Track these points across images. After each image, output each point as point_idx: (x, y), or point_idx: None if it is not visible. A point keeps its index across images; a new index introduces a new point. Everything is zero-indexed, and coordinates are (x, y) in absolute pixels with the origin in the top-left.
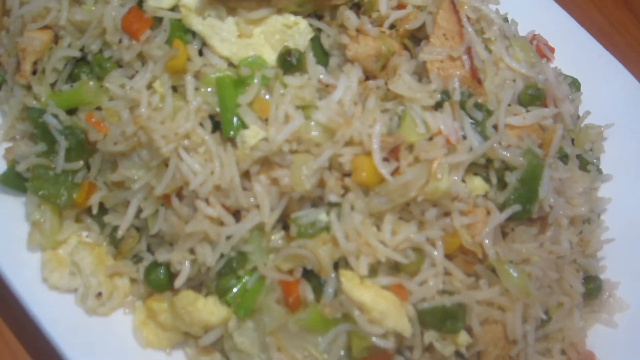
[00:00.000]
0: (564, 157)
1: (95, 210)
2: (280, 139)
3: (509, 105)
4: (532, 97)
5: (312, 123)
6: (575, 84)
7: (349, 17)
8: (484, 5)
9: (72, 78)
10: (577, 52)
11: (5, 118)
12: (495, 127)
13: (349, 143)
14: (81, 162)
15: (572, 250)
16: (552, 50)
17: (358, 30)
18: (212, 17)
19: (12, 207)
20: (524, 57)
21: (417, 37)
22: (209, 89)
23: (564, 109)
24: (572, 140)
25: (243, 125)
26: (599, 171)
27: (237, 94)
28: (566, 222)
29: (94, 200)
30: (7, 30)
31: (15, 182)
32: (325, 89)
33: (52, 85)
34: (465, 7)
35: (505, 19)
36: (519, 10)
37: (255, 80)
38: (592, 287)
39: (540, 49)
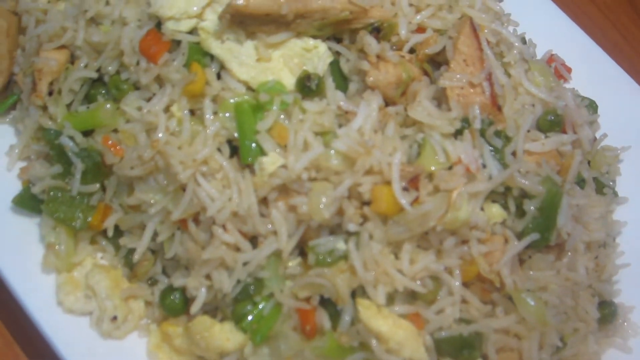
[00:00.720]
0: (581, 182)
1: (110, 233)
2: (299, 167)
3: (528, 131)
4: (551, 123)
5: (332, 151)
6: (592, 106)
7: (370, 43)
8: (504, 29)
9: (88, 99)
10: (593, 72)
11: (20, 137)
12: (513, 153)
13: (369, 172)
14: (97, 185)
15: (588, 275)
16: (569, 70)
17: (378, 57)
18: (231, 41)
19: (26, 228)
20: (543, 81)
21: (436, 61)
22: (227, 114)
23: (582, 135)
24: (588, 162)
25: (261, 152)
26: (615, 194)
27: (255, 119)
28: (583, 247)
29: (109, 223)
30: (22, 48)
31: (30, 203)
32: (344, 116)
33: (68, 105)
34: (486, 30)
35: (523, 40)
36: (535, 29)
37: (275, 107)
38: (607, 313)
39: (558, 70)
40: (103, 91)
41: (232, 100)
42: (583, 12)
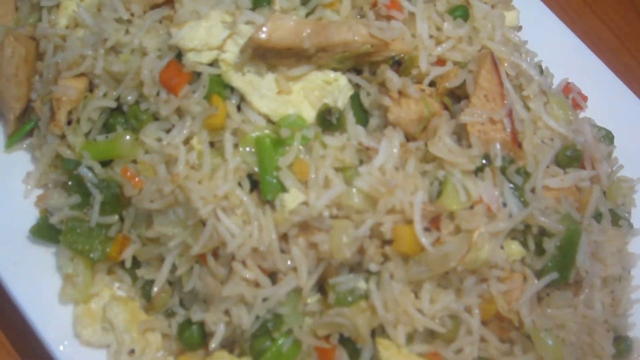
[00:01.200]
0: (597, 216)
1: (128, 265)
2: (320, 205)
3: (547, 166)
4: (570, 158)
5: (353, 190)
6: (608, 137)
7: (392, 78)
8: (523, 61)
9: (107, 128)
10: (610, 100)
11: (37, 165)
12: (532, 190)
13: (390, 211)
14: (116, 217)
15: (603, 310)
16: (585, 98)
17: (400, 92)
18: (252, 73)
19: (43, 257)
20: (561, 115)
21: (456, 94)
22: (248, 149)
23: (601, 171)
24: (604, 193)
25: (282, 188)
26: (630, 225)
27: (276, 154)
28: (599, 283)
29: (127, 255)
30: (40, 74)
31: (48, 233)
32: (365, 151)
33: (86, 134)
34: (506, 63)
35: (540, 68)
36: (549, 52)
37: (296, 142)
38: (622, 348)
39: (574, 99)
40: (122, 120)
41: (253, 135)
42: (596, 34)
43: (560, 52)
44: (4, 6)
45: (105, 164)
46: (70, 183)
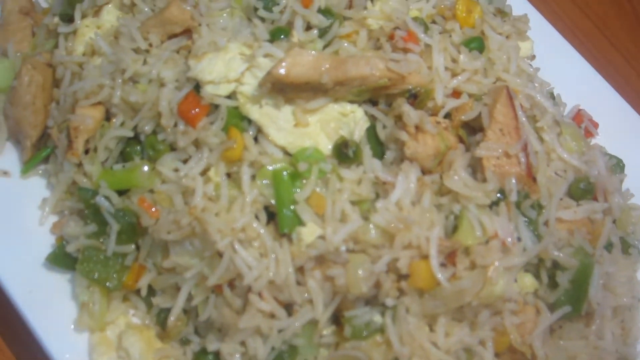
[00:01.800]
0: (608, 245)
1: (144, 293)
2: (337, 240)
3: (560, 199)
4: (584, 191)
5: (370, 225)
6: (619, 165)
7: (409, 113)
8: (538, 92)
9: (124, 156)
10: (620, 126)
11: (53, 192)
12: (546, 223)
13: (407, 247)
14: (132, 246)
15: (614, 340)
16: (595, 125)
17: (417, 127)
18: (269, 106)
19: (58, 284)
20: (574, 146)
21: (471, 126)
22: (265, 181)
23: (613, 203)
24: (613, 221)
25: (299, 222)
26: None
27: (293, 187)
28: (610, 313)
29: (143, 283)
30: (57, 101)
31: (64, 261)
32: (382, 185)
33: (103, 162)
34: (520, 95)
35: (552, 95)
36: (562, 80)
37: (312, 176)
38: None
39: (586, 127)
40: (138, 149)
41: (270, 168)
42: (605, 58)
43: (571, 77)
44: (20, 32)
45: (122, 192)
46: (87, 212)
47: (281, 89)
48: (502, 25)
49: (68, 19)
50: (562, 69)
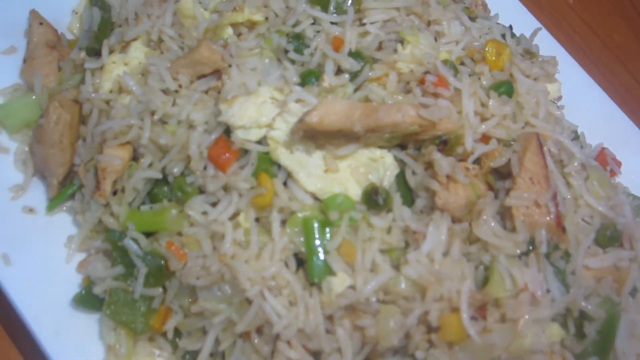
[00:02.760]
0: (633, 291)
1: (170, 336)
2: (368, 291)
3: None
4: (610, 239)
5: (401, 276)
6: None
7: (440, 163)
8: (565, 137)
9: (151, 197)
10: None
11: (79, 230)
12: (573, 272)
13: (438, 299)
14: (160, 289)
15: None
16: (619, 164)
17: (448, 177)
18: (300, 152)
19: (84, 325)
20: (601, 192)
21: (499, 171)
22: (296, 229)
23: (639, 250)
24: None
25: (329, 272)
26: None
27: (323, 236)
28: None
29: (169, 326)
30: (83, 138)
31: (91, 303)
32: (412, 235)
33: (130, 202)
34: (549, 140)
35: (576, 134)
36: (585, 116)
37: (343, 225)
38: None
39: (610, 165)
40: (165, 189)
41: (300, 215)
42: (627, 91)
43: (594, 114)
44: (47, 66)
45: (149, 233)
46: (114, 253)
47: (313, 136)
48: (530, 67)
49: (95, 53)
50: (585, 106)
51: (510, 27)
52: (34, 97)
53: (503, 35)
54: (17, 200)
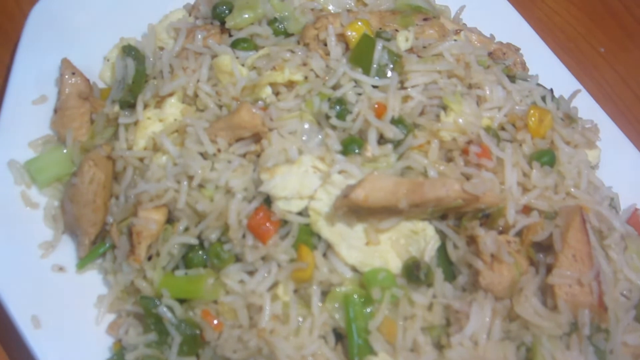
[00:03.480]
0: None
1: None
2: None
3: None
4: None
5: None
6: None
7: (485, 241)
8: (605, 208)
9: (186, 261)
10: None
11: (110, 291)
12: (611, 351)
13: None
14: (194, 358)
15: None
16: None
17: (492, 256)
18: (341, 224)
19: None
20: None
21: (540, 243)
22: (336, 305)
23: None
24: None
25: (370, 351)
26: None
27: (364, 314)
28: None
29: None
30: (116, 197)
31: None
32: (454, 314)
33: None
34: (590, 212)
35: (612, 199)
36: (615, 173)
37: (384, 303)
38: None
39: None
40: (200, 253)
41: (340, 289)
42: None
43: (625, 171)
44: (79, 118)
45: (183, 299)
46: (147, 320)
47: (356, 211)
48: (572, 133)
49: (128, 105)
50: (618, 162)
51: (552, 90)
52: (65, 150)
53: (543, 98)
54: (46, 258)
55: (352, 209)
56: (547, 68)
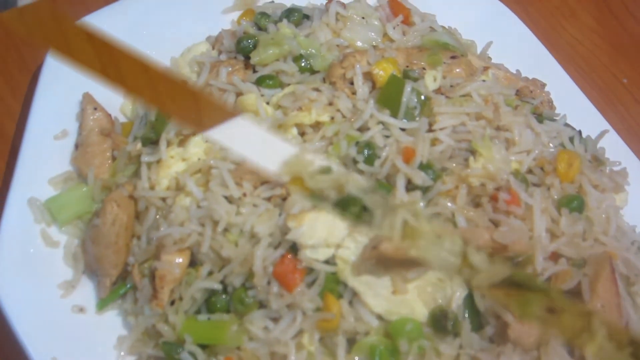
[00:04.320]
0: None
1: None
2: None
3: None
4: None
5: None
6: None
7: None
8: (633, 254)
9: (208, 306)
10: None
11: (131, 333)
12: None
13: None
14: None
15: None
16: None
17: None
18: (368, 273)
19: None
20: None
21: (567, 292)
22: (362, 355)
23: None
24: None
25: None
26: None
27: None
28: None
29: None
30: (138, 237)
31: None
32: None
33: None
34: (618, 259)
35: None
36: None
37: (412, 356)
38: None
39: None
40: (223, 297)
41: (367, 341)
42: None
43: None
44: (100, 155)
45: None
46: None
47: (384, 261)
48: (600, 177)
49: (150, 142)
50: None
51: (580, 132)
52: (85, 189)
53: (571, 139)
54: (66, 298)
55: (381, 260)
56: (573, 104)
